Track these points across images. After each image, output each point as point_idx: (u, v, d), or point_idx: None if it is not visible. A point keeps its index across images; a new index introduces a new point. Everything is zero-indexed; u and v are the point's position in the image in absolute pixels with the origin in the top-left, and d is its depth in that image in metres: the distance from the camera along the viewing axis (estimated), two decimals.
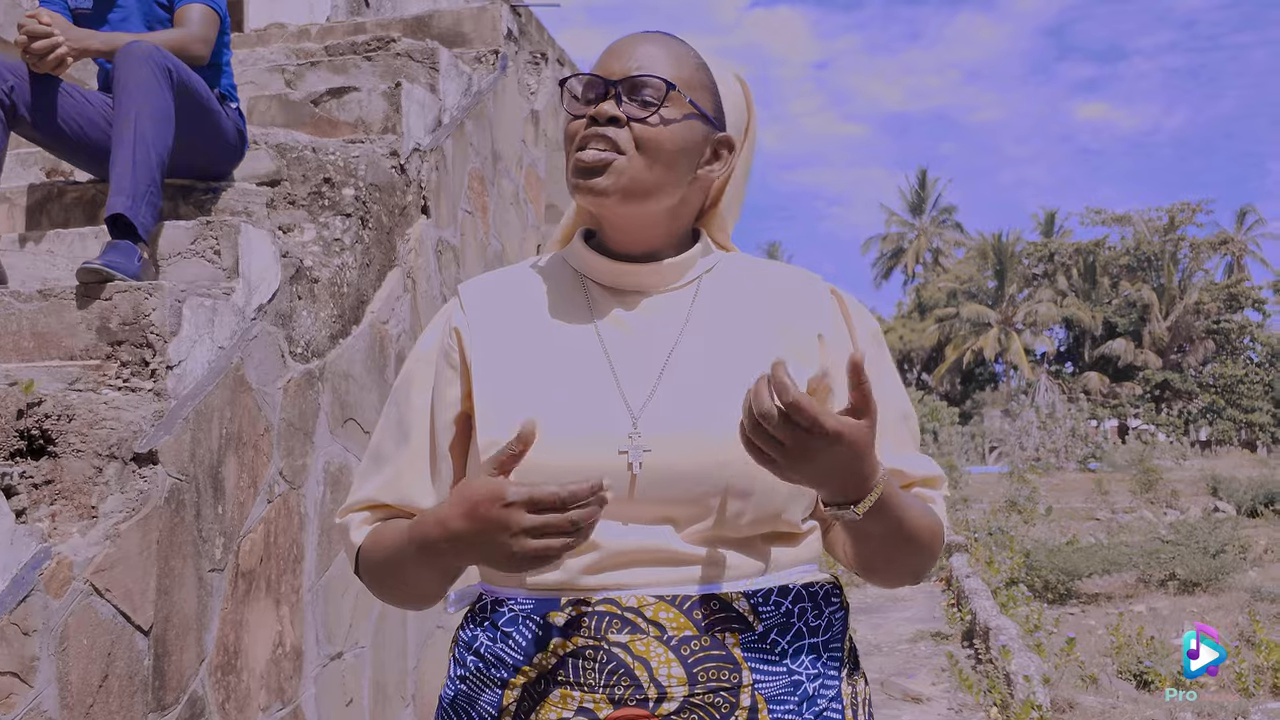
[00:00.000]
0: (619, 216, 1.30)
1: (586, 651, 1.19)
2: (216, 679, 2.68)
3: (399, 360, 3.73)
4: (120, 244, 2.77)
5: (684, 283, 1.35)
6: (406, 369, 1.39)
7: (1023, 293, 51.12)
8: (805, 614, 1.25)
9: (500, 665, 1.24)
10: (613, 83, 1.27)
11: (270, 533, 2.93)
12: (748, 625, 1.21)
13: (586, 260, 1.36)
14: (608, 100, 1.27)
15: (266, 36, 5.06)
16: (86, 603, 2.22)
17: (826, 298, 1.36)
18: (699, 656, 1.18)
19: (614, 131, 1.25)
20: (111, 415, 2.44)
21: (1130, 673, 6.75)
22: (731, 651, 1.19)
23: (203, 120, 3.23)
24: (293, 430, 3.05)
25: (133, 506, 2.39)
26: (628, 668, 1.17)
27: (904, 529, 1.24)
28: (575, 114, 1.30)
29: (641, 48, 1.30)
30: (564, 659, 1.20)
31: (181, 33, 3.21)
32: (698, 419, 1.22)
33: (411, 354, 1.41)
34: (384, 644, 3.58)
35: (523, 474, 1.17)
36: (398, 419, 1.37)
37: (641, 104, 1.26)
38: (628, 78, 1.27)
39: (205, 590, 2.64)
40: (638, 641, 1.18)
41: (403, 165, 3.84)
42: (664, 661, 1.17)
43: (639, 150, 1.26)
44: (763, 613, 1.22)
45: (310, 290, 3.22)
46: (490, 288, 1.40)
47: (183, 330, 2.64)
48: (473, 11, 4.93)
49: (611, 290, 1.34)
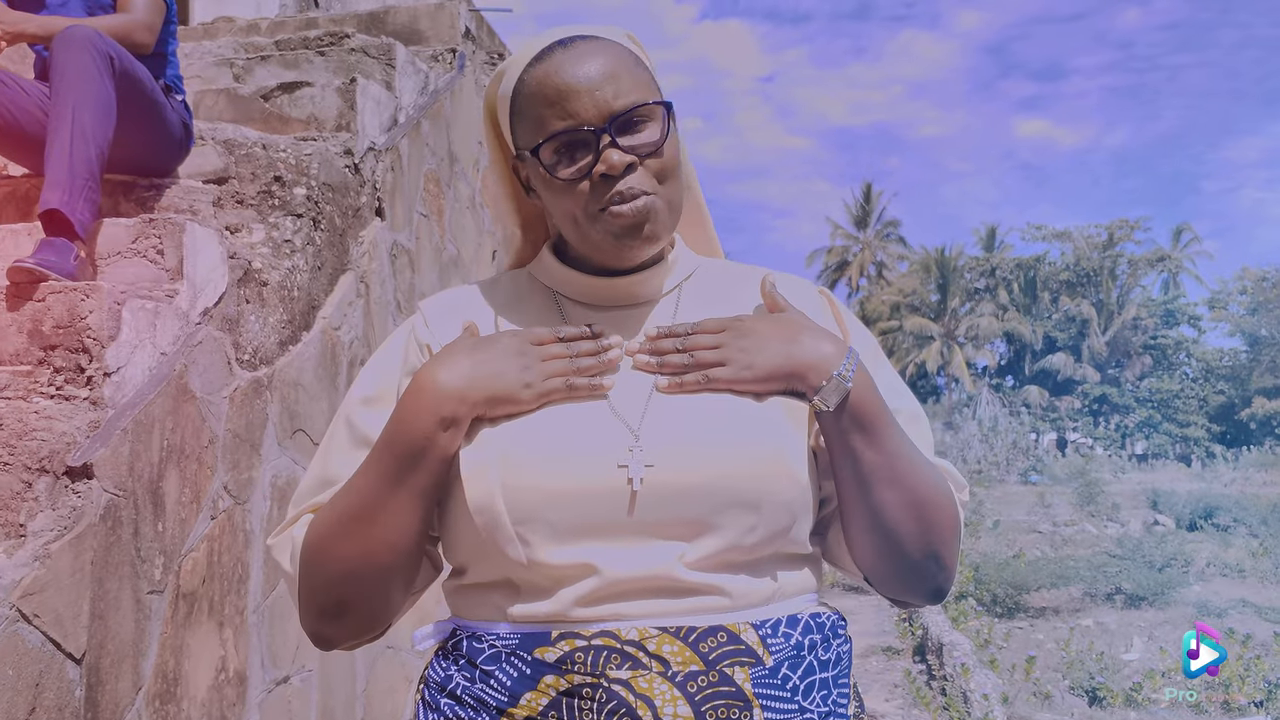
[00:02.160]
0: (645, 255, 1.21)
1: (583, 690, 1.06)
2: (154, 709, 2.50)
3: (351, 368, 3.56)
4: (55, 242, 2.59)
5: (665, 292, 1.27)
6: (365, 386, 1.25)
7: (965, 306, 51.72)
8: (815, 647, 1.15)
9: (482, 708, 1.11)
10: (604, 129, 1.15)
11: (213, 551, 2.75)
12: (757, 659, 1.10)
13: (559, 276, 1.27)
14: (608, 151, 1.14)
15: (214, 30, 4.87)
16: (12, 630, 2.04)
17: (817, 299, 1.29)
18: (707, 693, 1.06)
19: (633, 179, 1.15)
20: (43, 425, 2.26)
21: (1083, 688, 6.74)
22: (742, 688, 1.07)
23: (146, 112, 3.05)
24: (238, 442, 2.88)
25: (65, 524, 2.22)
26: (630, 707, 1.05)
27: (899, 466, 1.16)
28: (573, 178, 1.16)
29: (596, 72, 1.16)
30: (556, 699, 1.07)
31: (125, 18, 3.03)
32: (699, 430, 1.12)
33: (369, 372, 1.27)
34: (332, 667, 3.41)
35: (520, 497, 1.08)
36: (352, 438, 1.22)
37: (641, 134, 1.17)
38: (614, 117, 1.15)
39: (143, 613, 2.46)
40: (640, 678, 1.06)
41: (357, 165, 3.68)
42: (669, 700, 1.05)
43: (664, 182, 1.18)
44: (772, 645, 1.11)
45: (259, 294, 3.05)
46: (454, 303, 1.29)
47: (122, 335, 2.47)
48: (430, 9, 4.77)
49: (587, 305, 1.25)
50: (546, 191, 1.20)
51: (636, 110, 1.16)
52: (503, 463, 1.10)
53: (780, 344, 1.16)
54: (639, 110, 1.16)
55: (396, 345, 1.27)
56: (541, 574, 1.10)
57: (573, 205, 1.17)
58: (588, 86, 1.15)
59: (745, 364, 1.15)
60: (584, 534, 1.10)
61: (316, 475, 1.24)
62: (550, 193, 1.19)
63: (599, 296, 1.25)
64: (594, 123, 1.15)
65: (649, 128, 1.17)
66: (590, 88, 1.15)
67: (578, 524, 1.09)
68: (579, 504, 1.09)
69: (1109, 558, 10.88)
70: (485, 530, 1.10)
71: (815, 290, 1.30)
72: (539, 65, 1.19)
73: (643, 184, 1.16)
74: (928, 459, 1.22)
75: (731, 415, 1.13)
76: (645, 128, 1.17)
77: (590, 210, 1.16)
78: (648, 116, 1.17)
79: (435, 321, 1.26)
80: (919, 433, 1.25)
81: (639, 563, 1.10)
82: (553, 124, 1.16)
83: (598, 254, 1.20)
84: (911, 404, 1.28)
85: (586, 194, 1.16)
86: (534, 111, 1.18)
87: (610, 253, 1.19)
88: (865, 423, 1.14)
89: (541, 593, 1.11)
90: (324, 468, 1.23)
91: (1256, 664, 6.70)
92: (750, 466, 1.10)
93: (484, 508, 1.09)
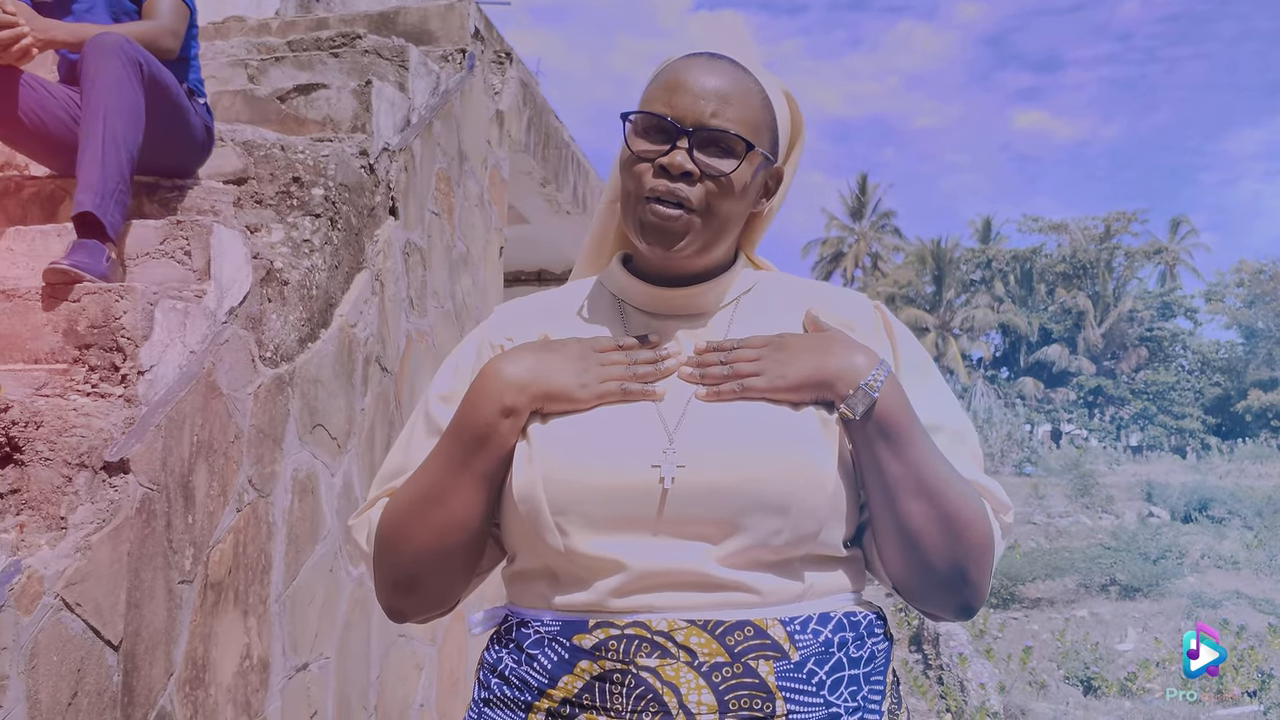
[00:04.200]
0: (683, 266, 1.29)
1: (614, 675, 1.14)
2: (185, 694, 2.59)
3: (366, 364, 3.65)
4: (88, 243, 2.68)
5: (724, 304, 1.33)
6: (442, 384, 1.34)
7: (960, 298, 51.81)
8: (846, 644, 1.20)
9: (524, 688, 1.19)
10: (687, 131, 1.22)
11: (239, 542, 2.84)
12: (783, 653, 1.16)
13: (624, 285, 1.35)
14: (677, 151, 1.22)
15: (225, 29, 4.94)
16: (57, 618, 2.14)
17: (870, 315, 1.34)
18: (731, 684, 1.13)
19: (686, 189, 1.22)
20: (81, 422, 2.35)
21: (1078, 678, 6.85)
22: (765, 680, 1.14)
23: (171, 116, 3.14)
24: (262, 437, 2.97)
25: (103, 517, 2.31)
26: (656, 693, 1.13)
27: (926, 478, 1.19)
28: (640, 155, 1.24)
29: (713, 88, 1.24)
30: (590, 683, 1.15)
31: (151, 25, 3.11)
32: (730, 436, 1.19)
33: (446, 370, 1.36)
34: (349, 654, 3.50)
35: (560, 489, 1.17)
36: (428, 429, 1.32)
37: (716, 156, 1.23)
38: (702, 128, 1.22)
39: (175, 603, 2.55)
40: (667, 666, 1.14)
41: (372, 165, 3.76)
42: (694, 688, 1.13)
43: (710, 208, 1.24)
44: (799, 641, 1.17)
45: (280, 293, 3.14)
46: (525, 311, 1.38)
47: (154, 334, 2.56)
48: (440, 9, 4.85)
49: (650, 314, 1.33)
50: (620, 161, 1.28)
51: (724, 135, 1.22)
52: (546, 456, 1.18)
53: (813, 355, 1.22)
54: (725, 137, 1.22)
55: (470, 347, 1.35)
56: (578, 564, 1.18)
57: (629, 181, 1.25)
58: (699, 93, 1.23)
59: (779, 374, 1.21)
60: (617, 527, 1.17)
61: (396, 463, 1.33)
62: (621, 162, 1.28)
63: (659, 306, 1.32)
64: (682, 121, 1.22)
65: (729, 158, 1.23)
66: (700, 94, 1.23)
67: (611, 517, 1.17)
68: (613, 499, 1.17)
69: (1103, 549, 10.98)
70: (527, 519, 1.18)
71: (870, 306, 1.35)
72: (682, 59, 1.28)
73: (690, 196, 1.22)
74: (961, 475, 1.24)
75: (764, 423, 1.19)
76: (726, 155, 1.23)
77: (639, 192, 1.24)
78: (733, 148, 1.23)
79: (508, 324, 1.34)
80: (961, 451, 1.27)
81: (669, 557, 1.16)
82: (655, 103, 1.25)
83: (635, 239, 1.27)
84: (957, 421, 1.30)
85: (642, 176, 1.24)
86: (652, 88, 1.27)
87: (642, 247, 1.26)
88: (892, 433, 1.19)
89: (579, 583, 1.19)
90: (404, 456, 1.32)
91: (1250, 655, 6.81)
92: (778, 472, 1.16)
93: (526, 496, 1.18)
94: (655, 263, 1.30)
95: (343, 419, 3.48)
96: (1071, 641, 7.59)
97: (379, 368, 3.77)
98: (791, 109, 1.35)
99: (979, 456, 1.30)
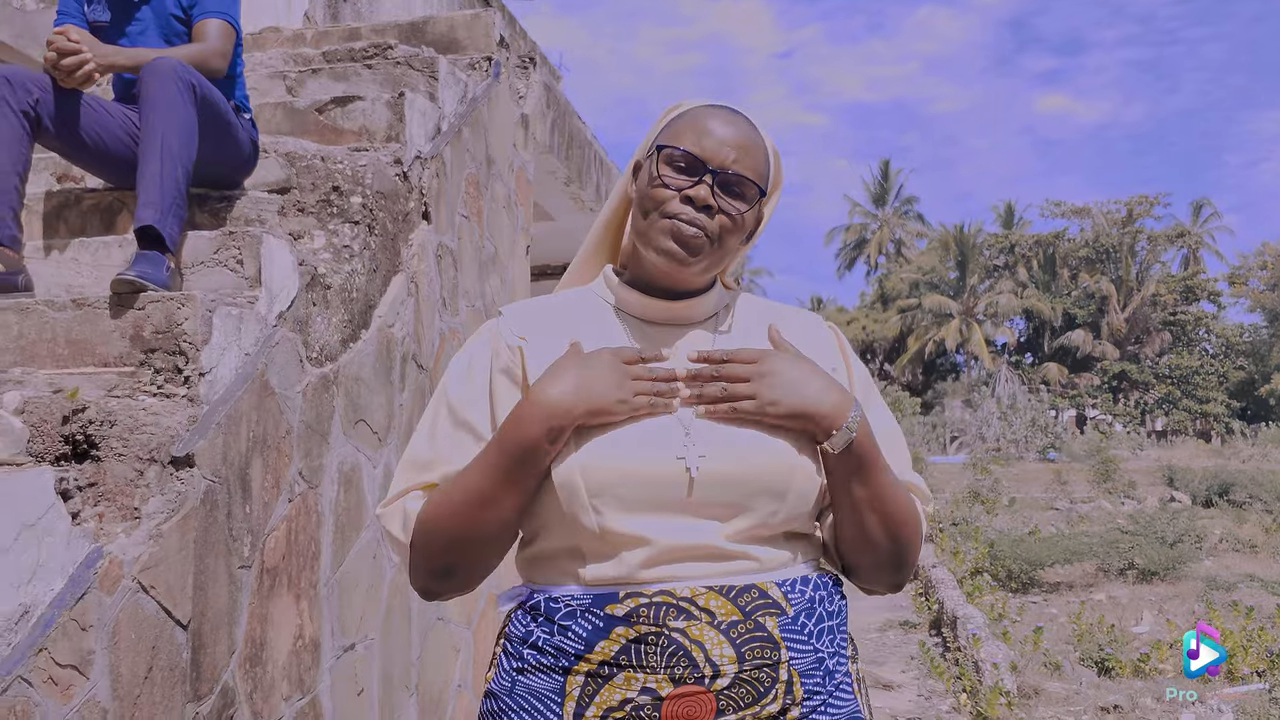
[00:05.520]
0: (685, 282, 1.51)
1: (649, 637, 1.36)
2: (245, 670, 2.82)
3: (404, 362, 3.86)
4: (149, 254, 2.89)
5: (707, 316, 1.56)
6: (456, 383, 1.53)
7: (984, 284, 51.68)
8: (823, 600, 1.45)
9: (560, 655, 1.39)
10: (713, 171, 1.45)
11: (291, 530, 3.06)
12: (782, 610, 1.40)
13: (621, 295, 1.56)
14: (703, 185, 1.44)
15: (262, 40, 5.16)
16: (134, 600, 2.36)
17: (829, 335, 1.60)
18: (746, 638, 1.37)
19: (705, 219, 1.45)
20: (150, 421, 2.56)
21: (1092, 659, 7.00)
22: (772, 633, 1.38)
23: (221, 132, 3.35)
24: (310, 432, 3.19)
25: (172, 507, 2.53)
26: (685, 650, 1.35)
27: (883, 497, 1.45)
28: (669, 184, 1.45)
29: (739, 139, 1.47)
30: (626, 646, 1.36)
31: (201, 48, 3.33)
32: (739, 432, 1.42)
33: (456, 368, 1.54)
34: (391, 636, 3.73)
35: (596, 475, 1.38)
36: (453, 421, 1.50)
37: (733, 197, 1.47)
38: (726, 171, 1.45)
39: (235, 586, 2.77)
40: (693, 627, 1.36)
41: (405, 173, 3.97)
42: (716, 644, 1.36)
43: (722, 239, 1.47)
44: (791, 599, 1.42)
45: (324, 297, 3.35)
46: (532, 312, 1.57)
47: (213, 338, 2.77)
48: (466, 19, 5.05)
49: (644, 321, 1.54)
50: (646, 186, 1.49)
51: (743, 181, 1.47)
52: (584, 449, 1.39)
53: (798, 390, 1.43)
54: (744, 183, 1.47)
55: (483, 345, 1.54)
56: (608, 541, 1.39)
57: (651, 203, 1.47)
58: (724, 140, 1.47)
59: (769, 400, 1.42)
60: (646, 509, 1.38)
61: (423, 455, 1.51)
62: (648, 187, 1.49)
63: (653, 314, 1.54)
64: (711, 163, 1.46)
65: (742, 200, 1.47)
66: (724, 142, 1.47)
67: (642, 500, 1.38)
68: (645, 484, 1.39)
69: (1121, 534, 11.10)
70: (566, 502, 1.39)
71: (826, 327, 1.60)
72: (708, 109, 1.52)
73: (707, 226, 1.45)
74: (903, 484, 1.50)
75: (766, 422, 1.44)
76: (740, 198, 1.47)
77: (663, 210, 1.45)
78: (746, 193, 1.47)
79: (522, 326, 1.53)
80: (897, 450, 1.54)
81: (687, 534, 1.39)
82: (687, 142, 1.47)
83: (649, 254, 1.48)
84: (893, 426, 1.57)
85: (667, 201, 1.46)
86: (682, 127, 1.50)
87: (655, 258, 1.47)
88: (862, 465, 1.44)
89: (606, 558, 1.39)
90: (430, 448, 1.51)
91: (1260, 635, 6.96)
92: (780, 464, 1.41)
93: (566, 483, 1.39)
94: (661, 276, 1.50)
95: (383, 414, 3.70)
96: (1087, 624, 7.74)
97: (415, 365, 3.98)
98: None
99: (906, 455, 1.58)
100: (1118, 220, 50.15)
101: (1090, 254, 50.10)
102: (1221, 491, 16.94)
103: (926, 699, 6.55)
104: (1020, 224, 54.26)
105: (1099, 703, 6.01)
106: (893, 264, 56.87)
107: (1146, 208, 49.97)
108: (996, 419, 31.18)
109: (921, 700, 6.54)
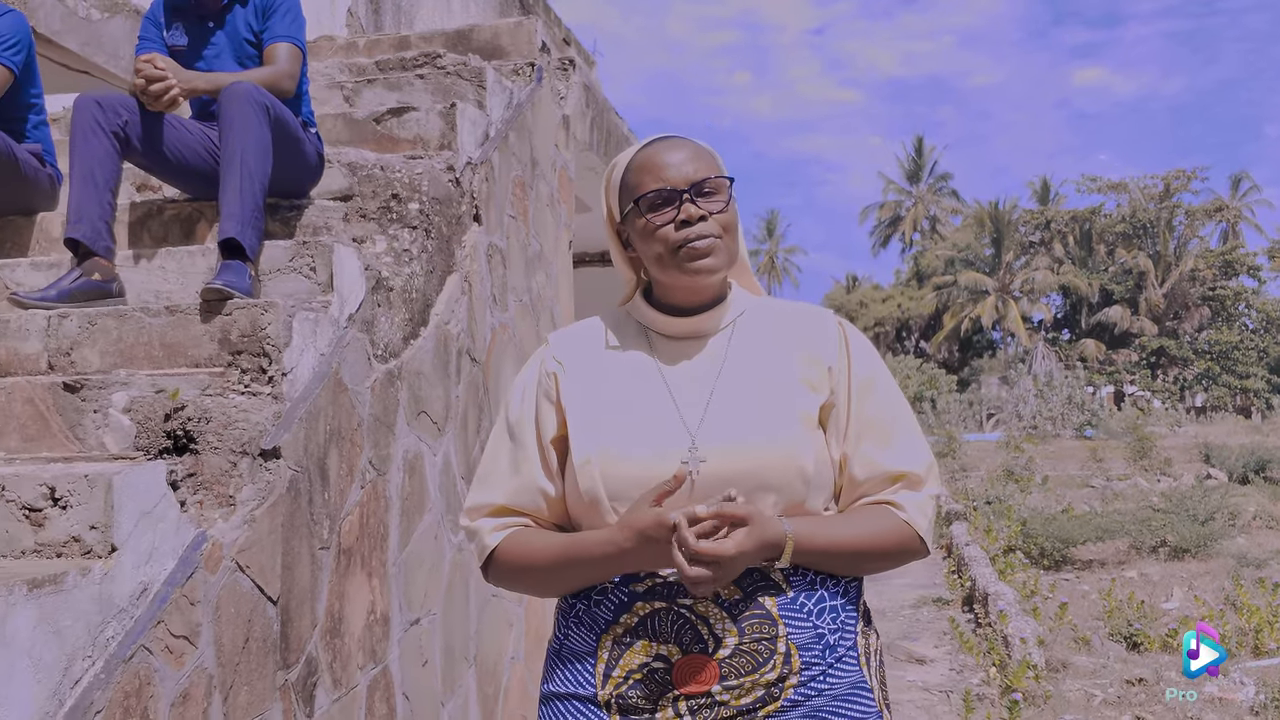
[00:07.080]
0: (710, 286, 1.73)
1: (661, 612, 1.62)
2: (326, 642, 3.10)
3: (459, 356, 4.13)
4: (233, 264, 3.17)
5: (723, 326, 1.78)
6: (514, 404, 1.80)
7: (1020, 260, 51.48)
8: (826, 583, 1.67)
9: (594, 623, 1.67)
10: (685, 191, 1.68)
11: (363, 515, 3.34)
12: (781, 590, 1.63)
13: (648, 315, 1.79)
14: (686, 205, 1.67)
15: (317, 49, 5.43)
16: (233, 578, 2.64)
17: (834, 332, 1.78)
18: (746, 615, 1.61)
19: (705, 227, 1.68)
20: (241, 417, 2.84)
21: (1121, 635, 7.19)
22: (770, 611, 1.61)
23: (291, 147, 3.63)
24: (378, 424, 3.46)
25: (262, 495, 2.81)
26: (692, 624, 1.61)
27: (844, 553, 1.64)
28: (660, 223, 1.68)
29: (686, 154, 1.70)
30: (644, 618, 1.63)
31: (274, 71, 3.60)
32: (741, 434, 1.65)
33: (514, 392, 1.82)
34: (452, 612, 4.01)
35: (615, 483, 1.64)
36: (511, 442, 1.78)
37: (712, 198, 1.70)
38: (693, 184, 1.68)
39: (316, 566, 3.06)
40: (699, 604, 1.61)
41: (458, 179, 4.23)
42: (720, 619, 1.61)
43: (725, 232, 1.71)
44: (793, 580, 1.64)
45: (387, 298, 3.62)
46: (574, 337, 1.84)
47: (293, 341, 3.04)
48: (510, 27, 5.30)
49: (668, 337, 1.78)
50: (641, 239, 1.73)
51: (709, 181, 1.68)
52: (603, 459, 1.65)
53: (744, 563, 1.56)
54: (711, 181, 1.68)
55: (531, 371, 1.82)
56: None
57: (659, 246, 1.70)
58: (677, 163, 1.70)
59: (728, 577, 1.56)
60: None
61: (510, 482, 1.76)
62: (644, 239, 1.72)
63: (675, 330, 1.77)
64: (680, 185, 1.69)
65: (718, 196, 1.70)
66: (678, 164, 1.70)
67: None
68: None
69: (1154, 512, 11.22)
70: (591, 506, 1.66)
71: (834, 323, 1.79)
72: (643, 151, 1.75)
73: (711, 230, 1.67)
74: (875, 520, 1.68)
75: (760, 426, 1.64)
76: (715, 195, 1.70)
77: (672, 248, 1.68)
78: (717, 188, 1.69)
79: (561, 353, 1.79)
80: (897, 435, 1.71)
81: None
82: (650, 185, 1.70)
83: (676, 284, 1.72)
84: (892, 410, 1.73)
85: (670, 237, 1.69)
86: (637, 179, 1.73)
87: (685, 281, 1.70)
88: (814, 562, 1.64)
89: None
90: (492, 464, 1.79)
91: None
92: (772, 464, 1.62)
93: (589, 490, 1.66)
94: (698, 290, 1.73)
95: (441, 405, 3.97)
96: (1117, 600, 7.91)
97: (469, 359, 4.26)
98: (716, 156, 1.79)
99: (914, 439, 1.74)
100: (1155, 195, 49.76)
101: (1127, 229, 49.74)
102: (1258, 468, 16.95)
103: (958, 673, 6.79)
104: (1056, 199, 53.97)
105: (1125, 676, 6.22)
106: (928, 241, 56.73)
107: (1184, 182, 49.54)
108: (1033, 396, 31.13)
109: (953, 674, 6.78)
